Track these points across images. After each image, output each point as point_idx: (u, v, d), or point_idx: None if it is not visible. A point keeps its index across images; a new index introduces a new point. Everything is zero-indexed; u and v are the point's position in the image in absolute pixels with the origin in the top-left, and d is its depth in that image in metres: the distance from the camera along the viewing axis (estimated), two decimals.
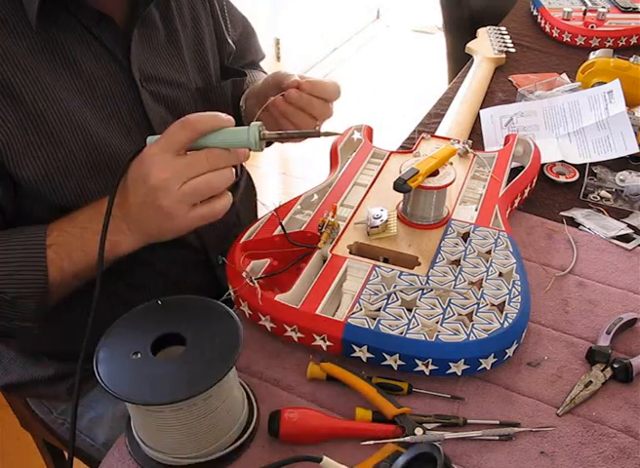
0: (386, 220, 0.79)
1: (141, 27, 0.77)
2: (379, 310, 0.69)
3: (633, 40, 1.37)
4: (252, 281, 0.70)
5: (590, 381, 0.67)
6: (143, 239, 0.68)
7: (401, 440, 0.60)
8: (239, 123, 0.85)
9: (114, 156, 0.74)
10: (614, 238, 0.86)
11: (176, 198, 0.62)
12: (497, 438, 0.62)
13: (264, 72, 1.09)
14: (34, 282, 0.67)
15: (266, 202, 0.83)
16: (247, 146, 0.64)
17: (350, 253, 0.77)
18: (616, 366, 0.68)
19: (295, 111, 0.78)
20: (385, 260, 0.77)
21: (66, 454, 1.10)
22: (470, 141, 0.96)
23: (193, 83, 0.85)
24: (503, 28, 1.42)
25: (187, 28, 0.85)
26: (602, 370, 0.68)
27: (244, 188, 1.01)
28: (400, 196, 0.83)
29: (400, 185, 0.76)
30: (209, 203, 0.65)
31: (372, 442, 0.61)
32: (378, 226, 0.78)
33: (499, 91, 1.23)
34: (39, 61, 0.68)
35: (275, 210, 0.81)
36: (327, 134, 0.68)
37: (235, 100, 0.94)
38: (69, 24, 0.70)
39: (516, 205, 0.91)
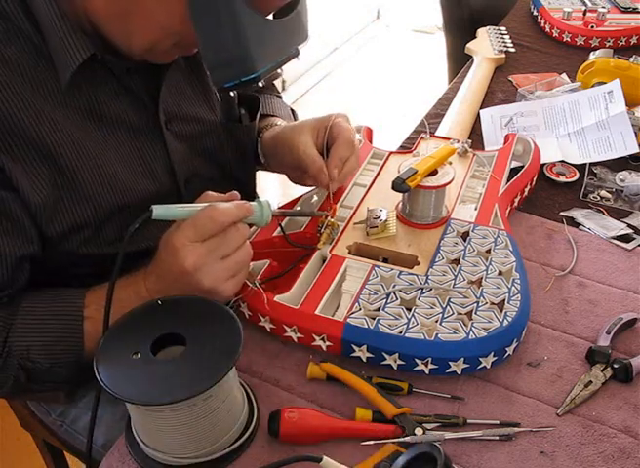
0: (386, 220, 0.79)
1: (170, 70, 0.77)
2: (378, 310, 0.69)
3: (633, 40, 1.37)
4: (253, 284, 0.70)
5: (590, 381, 0.67)
6: None
7: (401, 440, 0.60)
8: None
9: (138, 197, 0.76)
10: (614, 238, 0.86)
11: (217, 276, 0.65)
12: (497, 438, 0.62)
13: (278, 94, 1.06)
14: (70, 352, 0.68)
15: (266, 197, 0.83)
16: (258, 223, 0.70)
17: (350, 253, 0.77)
18: (616, 366, 0.68)
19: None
20: (385, 260, 0.77)
21: (66, 454, 1.10)
22: (470, 141, 0.96)
23: (218, 118, 0.85)
24: (503, 28, 1.42)
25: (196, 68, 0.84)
26: (602, 370, 0.68)
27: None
28: (399, 196, 0.83)
29: (398, 185, 0.76)
30: (242, 270, 0.68)
31: (372, 442, 0.61)
32: (377, 226, 0.78)
33: (499, 91, 1.23)
34: (68, 117, 0.68)
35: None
36: (321, 214, 0.79)
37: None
38: (102, 77, 0.71)
39: (516, 204, 0.91)
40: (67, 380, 0.71)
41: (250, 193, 0.95)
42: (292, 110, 1.07)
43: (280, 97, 1.07)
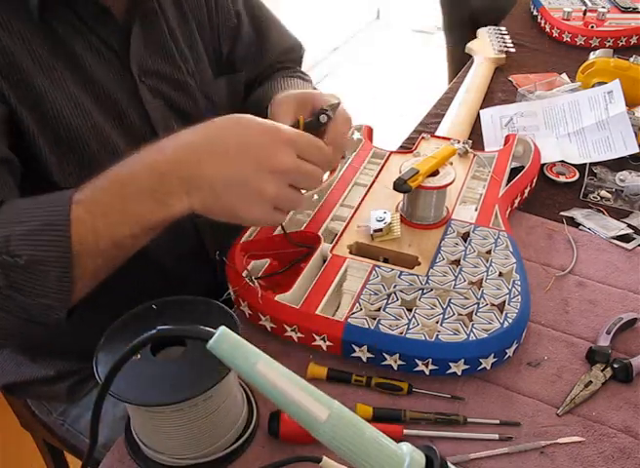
0: (390, 223, 0.79)
1: (141, 22, 0.75)
2: (378, 310, 0.69)
3: (633, 40, 1.37)
4: (252, 281, 0.70)
5: (590, 381, 0.67)
6: (198, 209, 0.60)
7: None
8: None
9: (111, 150, 0.73)
10: (614, 238, 0.86)
11: (272, 192, 0.60)
12: (497, 438, 0.62)
13: (304, 77, 0.99)
14: (54, 242, 0.55)
15: None
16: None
17: (350, 253, 0.77)
18: (616, 366, 0.68)
19: None
20: (385, 260, 0.77)
21: (66, 454, 1.10)
22: (470, 141, 0.96)
23: (194, 80, 0.83)
24: (503, 28, 1.42)
25: (184, 21, 0.82)
26: (602, 370, 0.68)
27: None
28: (400, 196, 0.83)
29: (400, 185, 0.76)
30: (282, 213, 0.64)
31: None
32: (381, 230, 0.78)
33: (499, 91, 1.23)
34: (52, 55, 0.67)
35: None
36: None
37: (236, 99, 0.92)
38: (68, 18, 0.69)
39: (516, 205, 0.91)
40: (57, 292, 0.56)
41: None
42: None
43: (307, 81, 0.99)
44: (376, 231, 0.78)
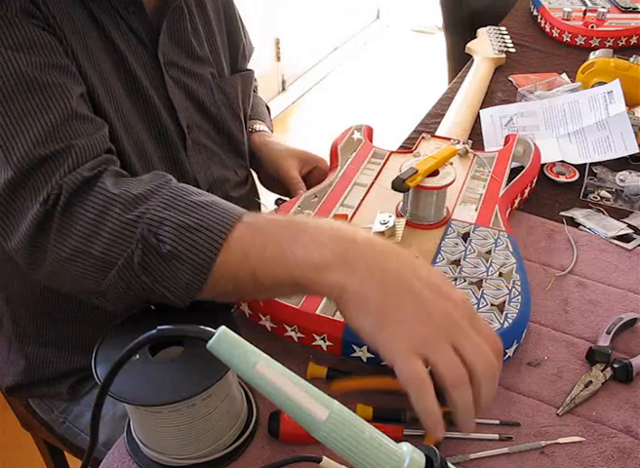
0: (393, 227, 0.78)
1: (169, 18, 0.80)
2: None
3: (633, 40, 1.36)
4: None
5: (590, 381, 0.67)
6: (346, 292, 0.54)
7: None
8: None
9: (135, 139, 0.77)
10: (614, 238, 0.86)
11: (427, 343, 0.52)
12: (497, 438, 0.62)
13: (255, 87, 1.10)
14: (203, 248, 0.55)
15: (267, 201, 0.84)
16: None
17: None
18: (616, 366, 0.68)
19: None
20: None
21: (66, 454, 1.10)
22: (470, 141, 0.96)
23: (211, 75, 0.88)
24: (503, 28, 1.42)
25: (206, 22, 0.89)
26: (602, 370, 0.68)
27: (249, 188, 1.02)
28: (400, 196, 0.83)
29: (398, 185, 0.76)
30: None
31: None
32: (383, 233, 0.78)
33: (498, 91, 1.23)
34: (92, 38, 0.71)
35: (275, 210, 0.81)
36: None
37: (246, 94, 0.98)
38: (103, 5, 0.72)
39: (516, 205, 0.91)
40: (179, 291, 0.57)
41: (245, 157, 1.00)
42: (267, 107, 1.14)
43: (256, 91, 1.12)
44: (376, 234, 0.78)
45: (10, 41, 0.62)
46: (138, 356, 0.55)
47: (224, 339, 0.42)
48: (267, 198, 0.87)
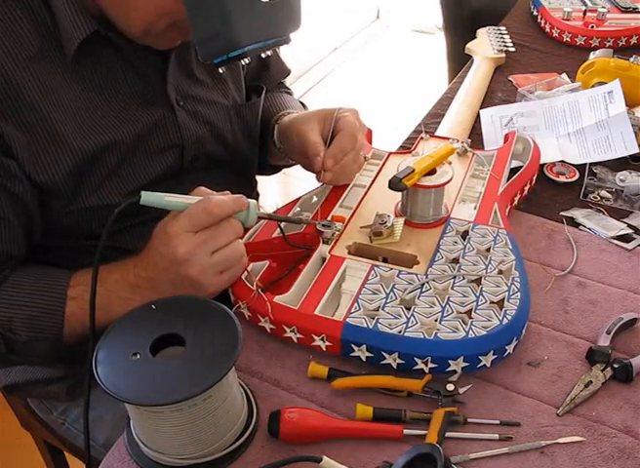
0: (392, 225, 0.78)
1: (176, 53, 0.79)
2: (377, 309, 0.69)
3: (633, 40, 1.36)
4: (259, 292, 0.70)
5: (590, 381, 0.67)
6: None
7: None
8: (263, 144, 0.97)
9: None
10: (614, 238, 0.86)
11: (205, 268, 0.66)
12: (497, 438, 0.62)
13: (288, 91, 1.11)
14: (51, 329, 0.71)
15: (266, 203, 0.84)
16: (243, 222, 0.70)
17: (349, 253, 0.77)
18: (616, 366, 0.68)
19: None
20: (384, 260, 0.77)
21: (66, 454, 1.10)
22: (469, 140, 0.96)
23: (230, 101, 0.89)
24: (503, 28, 1.42)
25: None
26: (602, 370, 0.68)
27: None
28: (399, 196, 0.82)
29: (395, 184, 0.76)
30: (232, 268, 0.69)
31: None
32: (381, 232, 0.78)
33: (498, 91, 1.23)
34: (71, 89, 0.72)
35: (274, 211, 0.81)
36: (308, 222, 0.79)
37: (264, 118, 0.97)
38: (109, 55, 0.74)
39: (516, 203, 0.91)
40: (45, 356, 0.74)
41: (251, 177, 1.00)
42: (302, 103, 1.11)
43: (291, 94, 1.11)
44: (375, 234, 0.78)
45: None
46: (138, 356, 0.55)
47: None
48: (267, 200, 0.87)
